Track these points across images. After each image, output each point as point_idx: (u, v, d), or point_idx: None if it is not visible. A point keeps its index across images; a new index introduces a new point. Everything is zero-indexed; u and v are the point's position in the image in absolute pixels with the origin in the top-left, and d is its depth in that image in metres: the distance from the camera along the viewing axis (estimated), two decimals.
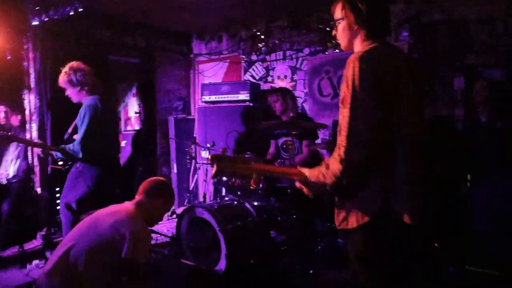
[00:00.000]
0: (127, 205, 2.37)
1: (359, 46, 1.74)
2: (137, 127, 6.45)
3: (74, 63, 3.36)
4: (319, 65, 5.13)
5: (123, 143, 5.84)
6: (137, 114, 6.35)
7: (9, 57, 4.32)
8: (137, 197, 2.43)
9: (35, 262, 3.90)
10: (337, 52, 5.02)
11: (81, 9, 3.69)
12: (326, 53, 5.11)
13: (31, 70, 4.60)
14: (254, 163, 1.69)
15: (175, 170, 5.83)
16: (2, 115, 4.27)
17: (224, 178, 3.91)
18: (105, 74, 5.83)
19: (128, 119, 6.70)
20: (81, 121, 3.25)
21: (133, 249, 2.08)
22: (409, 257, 1.74)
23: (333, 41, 5.06)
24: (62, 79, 3.35)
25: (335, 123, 4.20)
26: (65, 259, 2.09)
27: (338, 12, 1.77)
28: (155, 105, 6.12)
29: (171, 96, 6.27)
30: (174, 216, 5.38)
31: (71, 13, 3.74)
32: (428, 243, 2.37)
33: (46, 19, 4.08)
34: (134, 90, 6.37)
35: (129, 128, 6.65)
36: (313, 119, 4.50)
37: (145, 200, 2.40)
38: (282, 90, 4.31)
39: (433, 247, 3.02)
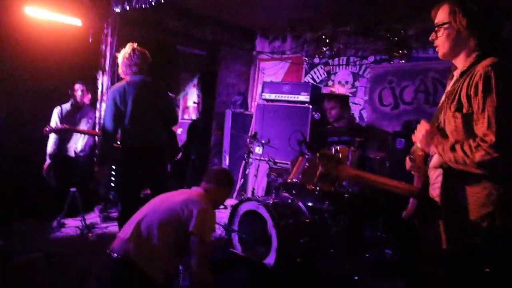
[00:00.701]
0: (197, 189, 2.55)
1: (464, 55, 1.63)
2: (194, 117, 6.67)
3: (134, 44, 3.47)
4: (382, 74, 5.09)
5: (179, 131, 6.05)
6: (195, 104, 6.58)
7: (90, 40, 4.62)
8: (204, 184, 2.60)
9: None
10: (402, 63, 4.96)
11: (162, 0, 3.88)
12: (391, 63, 5.06)
13: (107, 54, 4.90)
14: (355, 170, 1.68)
15: (226, 162, 5.98)
16: (80, 92, 4.55)
17: (278, 176, 4.00)
18: (171, 62, 6.10)
19: (186, 108, 6.93)
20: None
21: (200, 226, 2.22)
22: None
23: (399, 51, 5.01)
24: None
25: (395, 134, 4.17)
26: (138, 228, 2.27)
27: (443, 15, 1.65)
28: (214, 97, 6.31)
29: (230, 90, 6.43)
30: (222, 207, 5.54)
31: (153, 3, 3.94)
32: None
33: (128, 7, 4.32)
34: (195, 81, 6.58)
35: (186, 116, 6.89)
36: (371, 129, 4.49)
37: (213, 187, 2.56)
38: (340, 98, 4.31)
39: None
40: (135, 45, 3.45)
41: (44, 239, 3.95)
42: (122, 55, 3.43)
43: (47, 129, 4.21)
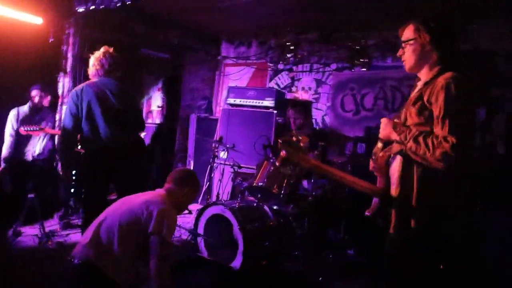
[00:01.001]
0: (159, 191, 2.50)
1: (427, 69, 1.85)
2: (158, 121, 6.60)
3: (109, 48, 3.45)
4: (344, 81, 5.27)
5: (142, 135, 5.97)
6: (159, 108, 6.51)
7: (51, 40, 4.49)
8: (167, 185, 2.54)
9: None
10: (363, 71, 5.16)
11: (129, 2, 3.83)
12: (353, 70, 5.25)
13: (69, 55, 4.77)
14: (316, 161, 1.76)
15: (191, 166, 5.95)
16: (37, 98, 4.42)
17: (243, 181, 4.05)
18: (135, 65, 6.02)
19: (150, 112, 6.84)
20: None
21: (159, 226, 2.19)
22: None
23: (360, 60, 5.22)
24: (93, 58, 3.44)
25: (356, 140, 4.33)
26: (97, 231, 2.22)
27: (409, 33, 1.86)
28: (178, 101, 6.29)
29: (195, 95, 6.43)
30: (186, 212, 5.50)
31: (118, 4, 3.89)
32: None
33: (92, 7, 4.24)
34: (159, 85, 6.52)
35: (150, 121, 6.79)
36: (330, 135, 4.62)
37: (175, 188, 2.50)
38: (304, 106, 4.40)
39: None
40: (111, 49, 3.43)
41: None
42: (94, 56, 3.41)
43: (23, 129, 4.09)
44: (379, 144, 1.91)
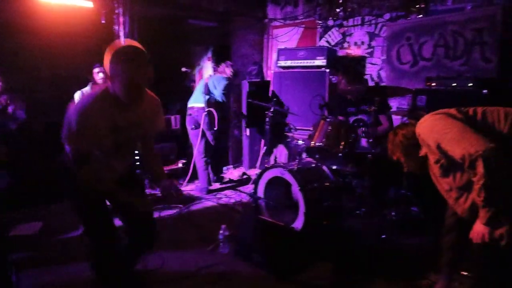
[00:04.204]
0: None
1: None
2: None
3: None
4: (399, 31, 4.95)
5: None
6: None
7: (103, 21, 4.64)
8: None
9: None
10: (419, 18, 4.81)
11: None
12: (408, 18, 4.92)
13: (121, 33, 4.91)
14: None
15: (247, 133, 6.03)
16: (100, 75, 4.59)
17: (301, 142, 4.04)
18: (183, 36, 6.09)
19: None
20: None
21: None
22: None
23: (416, 6, 4.86)
24: None
25: (417, 92, 4.10)
26: None
27: None
28: None
29: (245, 61, 6.40)
30: (245, 176, 5.64)
31: None
32: None
33: None
34: (209, 54, 6.55)
35: None
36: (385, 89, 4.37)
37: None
38: (345, 68, 4.16)
39: None
40: None
41: None
42: None
43: None
44: None
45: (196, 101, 4.95)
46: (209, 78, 5.06)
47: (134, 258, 2.60)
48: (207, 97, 4.83)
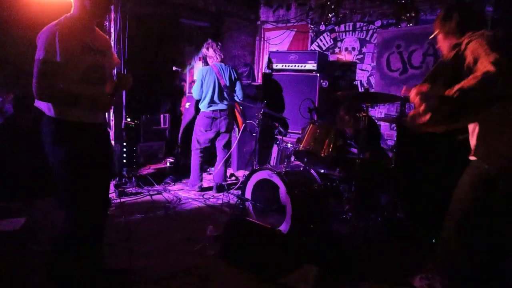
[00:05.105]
0: None
1: None
2: None
3: None
4: (390, 38, 5.03)
5: (186, 105, 6.08)
6: None
7: None
8: None
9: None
10: (410, 26, 4.88)
11: None
12: (399, 26, 4.99)
13: (112, 30, 4.86)
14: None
15: (237, 134, 6.02)
16: None
17: (289, 145, 4.05)
18: (175, 36, 6.06)
19: (193, 81, 6.91)
20: None
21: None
22: None
23: (407, 14, 4.93)
24: None
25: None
26: None
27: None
28: None
29: (236, 62, 6.41)
30: (233, 178, 5.63)
31: None
32: None
33: None
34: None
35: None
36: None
37: None
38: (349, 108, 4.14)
39: None
40: None
41: None
42: None
43: None
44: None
45: (218, 103, 4.90)
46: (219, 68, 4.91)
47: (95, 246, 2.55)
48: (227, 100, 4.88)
